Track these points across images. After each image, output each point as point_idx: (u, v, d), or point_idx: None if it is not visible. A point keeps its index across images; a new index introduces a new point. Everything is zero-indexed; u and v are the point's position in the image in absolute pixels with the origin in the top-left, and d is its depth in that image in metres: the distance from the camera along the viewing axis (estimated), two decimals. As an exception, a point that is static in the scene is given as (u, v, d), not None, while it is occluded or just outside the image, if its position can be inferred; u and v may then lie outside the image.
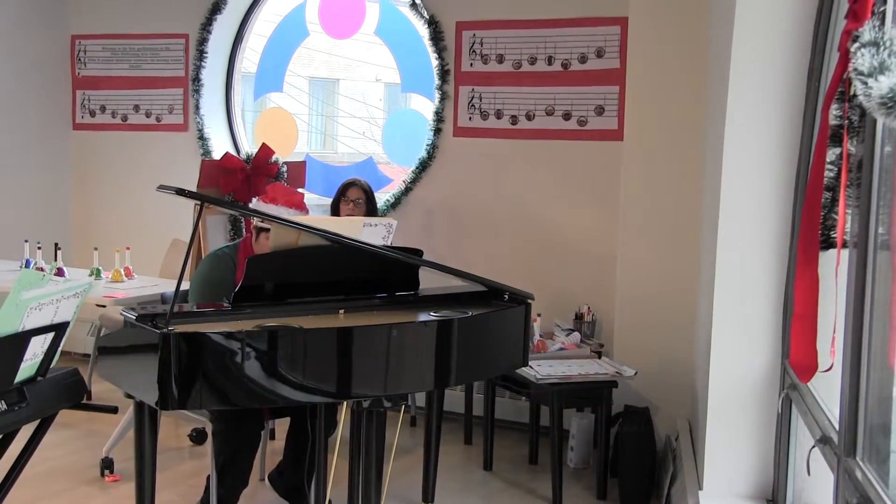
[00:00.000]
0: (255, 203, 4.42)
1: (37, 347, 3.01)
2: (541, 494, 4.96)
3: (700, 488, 3.87)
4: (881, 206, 2.42)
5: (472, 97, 6.28)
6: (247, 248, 4.31)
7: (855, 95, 2.20)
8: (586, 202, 5.93)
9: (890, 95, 1.76)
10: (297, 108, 8.34)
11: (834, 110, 2.57)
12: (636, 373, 5.00)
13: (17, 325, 2.87)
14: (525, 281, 4.60)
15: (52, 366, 3.22)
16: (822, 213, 2.66)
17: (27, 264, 5.87)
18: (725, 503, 3.72)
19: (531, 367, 4.86)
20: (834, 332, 2.60)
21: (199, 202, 3.59)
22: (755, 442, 3.77)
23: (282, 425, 4.80)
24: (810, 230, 2.66)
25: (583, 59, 5.92)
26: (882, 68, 1.95)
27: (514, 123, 6.15)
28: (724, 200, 3.73)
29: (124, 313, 3.49)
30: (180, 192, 3.38)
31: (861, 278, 2.45)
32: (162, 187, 3.42)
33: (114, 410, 3.67)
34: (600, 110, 5.89)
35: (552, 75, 6.02)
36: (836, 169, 2.59)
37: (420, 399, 5.92)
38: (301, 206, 4.45)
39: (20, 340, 2.91)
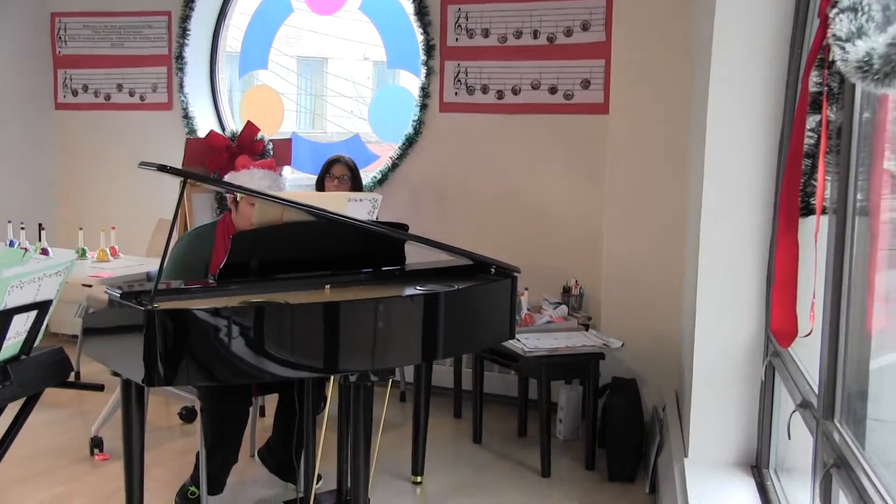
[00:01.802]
0: (229, 176, 4.41)
1: (19, 326, 3.00)
2: (530, 466, 4.98)
3: (686, 456, 3.90)
4: (860, 172, 2.43)
5: (458, 72, 6.26)
6: (226, 225, 4.31)
7: (834, 62, 2.21)
8: (573, 175, 5.93)
9: (866, 59, 1.76)
10: (285, 88, 8.32)
11: (814, 77, 2.58)
12: (623, 344, 5.02)
13: (-1, 303, 2.87)
14: (512, 255, 4.61)
15: (36, 345, 3.22)
16: (802, 181, 2.68)
17: (11, 245, 5.85)
18: (710, 470, 3.75)
19: (519, 340, 4.88)
20: (814, 297, 2.62)
21: (182, 179, 3.58)
22: (740, 410, 3.80)
23: (271, 402, 4.82)
24: (790, 197, 2.68)
25: (568, 33, 5.91)
26: (860, 33, 1.95)
27: (500, 98, 6.14)
28: (708, 171, 3.74)
29: (108, 291, 3.49)
30: (162, 168, 3.37)
31: (840, 244, 2.47)
32: (144, 164, 3.41)
33: (100, 388, 3.69)
34: (586, 84, 5.88)
35: (538, 49, 6.00)
36: (815, 136, 2.60)
37: (409, 374, 5.94)
38: (272, 168, 4.48)
39: (2, 319, 2.90)
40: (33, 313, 3.07)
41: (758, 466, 3.74)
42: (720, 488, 3.60)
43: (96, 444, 4.95)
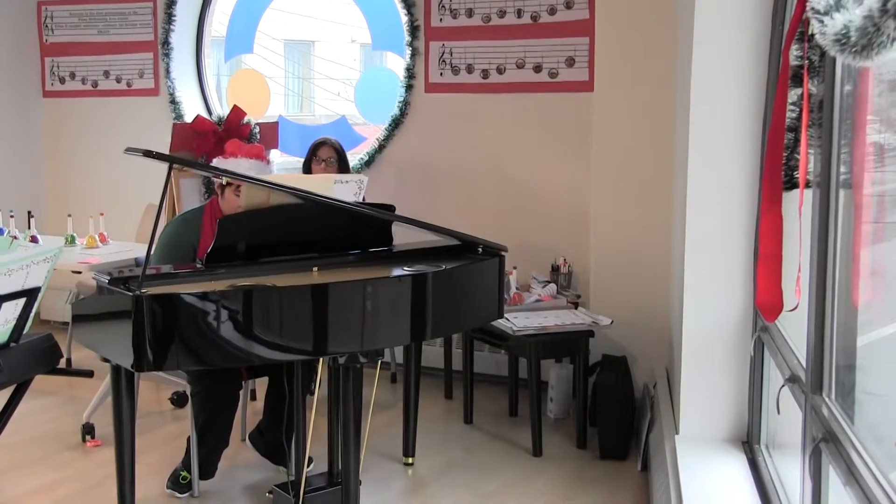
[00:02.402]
0: (217, 162, 4.41)
1: (8, 313, 3.01)
2: (521, 445, 4.99)
3: (677, 433, 3.91)
4: (842, 145, 2.44)
5: (443, 52, 6.25)
6: (214, 209, 4.31)
7: (813, 35, 2.21)
8: (559, 154, 5.92)
9: (843, 32, 1.76)
10: (273, 72, 8.29)
11: (794, 51, 2.58)
12: (612, 321, 5.03)
13: (-13, 291, 2.87)
14: (500, 234, 4.61)
15: (25, 332, 3.22)
16: (785, 154, 2.68)
17: (0, 232, 5.84)
18: (701, 447, 3.76)
19: (508, 319, 4.88)
20: (799, 271, 2.63)
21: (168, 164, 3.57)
22: (730, 386, 3.81)
23: (262, 385, 4.83)
24: (774, 171, 2.68)
25: (552, 11, 5.89)
26: (838, 6, 1.95)
27: (485, 77, 6.13)
28: (693, 145, 3.74)
29: (97, 277, 3.49)
30: (148, 153, 3.36)
31: (824, 217, 2.48)
32: (129, 150, 3.40)
33: (89, 374, 3.69)
34: (571, 62, 5.87)
35: (522, 28, 5.99)
36: (797, 109, 2.60)
37: (400, 355, 5.94)
38: (262, 157, 4.47)
39: (-10, 306, 2.91)
40: (22, 300, 3.08)
41: (749, 442, 3.75)
42: (712, 465, 3.61)
43: (88, 430, 4.95)
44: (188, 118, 6.91)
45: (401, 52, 6.44)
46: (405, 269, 3.82)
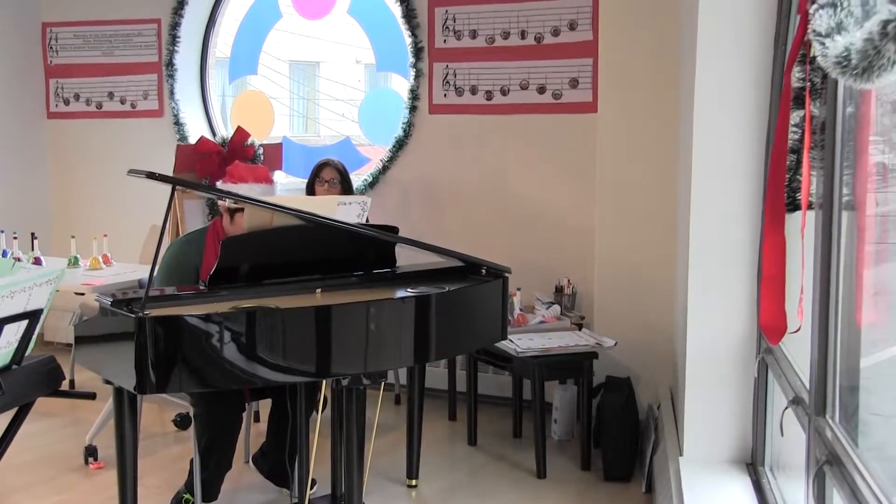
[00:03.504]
0: (221, 186, 4.41)
1: (10, 335, 3.01)
2: (525, 467, 4.97)
3: (681, 455, 3.89)
4: (845, 167, 2.44)
5: (447, 74, 6.26)
6: (216, 231, 4.31)
7: (815, 57, 2.21)
8: (563, 175, 5.93)
9: (845, 54, 1.76)
10: (278, 93, 8.32)
11: (796, 73, 2.58)
12: (616, 343, 5.02)
13: (-11, 313, 2.86)
14: (504, 256, 4.62)
15: (27, 354, 3.22)
16: (788, 176, 2.68)
17: (4, 254, 5.85)
18: (706, 469, 3.74)
19: (512, 340, 4.87)
20: (801, 292, 2.62)
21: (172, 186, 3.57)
22: (734, 407, 3.80)
23: (266, 407, 4.82)
24: (776, 193, 2.68)
25: (556, 32, 5.91)
26: (839, 28, 1.95)
27: (489, 99, 6.14)
28: (696, 167, 3.74)
29: (99, 299, 3.48)
30: (150, 175, 3.37)
31: (827, 239, 2.47)
32: (132, 171, 3.41)
33: (92, 396, 3.68)
34: (574, 83, 5.88)
35: (526, 49, 6.01)
36: (799, 131, 2.60)
37: (404, 377, 5.93)
38: (268, 180, 4.47)
39: (-8, 329, 2.90)
40: (24, 322, 3.07)
41: (753, 464, 3.73)
42: (716, 487, 3.59)
43: (90, 452, 4.94)
44: (192, 139, 6.93)
45: (405, 74, 6.46)
46: (408, 290, 3.82)
